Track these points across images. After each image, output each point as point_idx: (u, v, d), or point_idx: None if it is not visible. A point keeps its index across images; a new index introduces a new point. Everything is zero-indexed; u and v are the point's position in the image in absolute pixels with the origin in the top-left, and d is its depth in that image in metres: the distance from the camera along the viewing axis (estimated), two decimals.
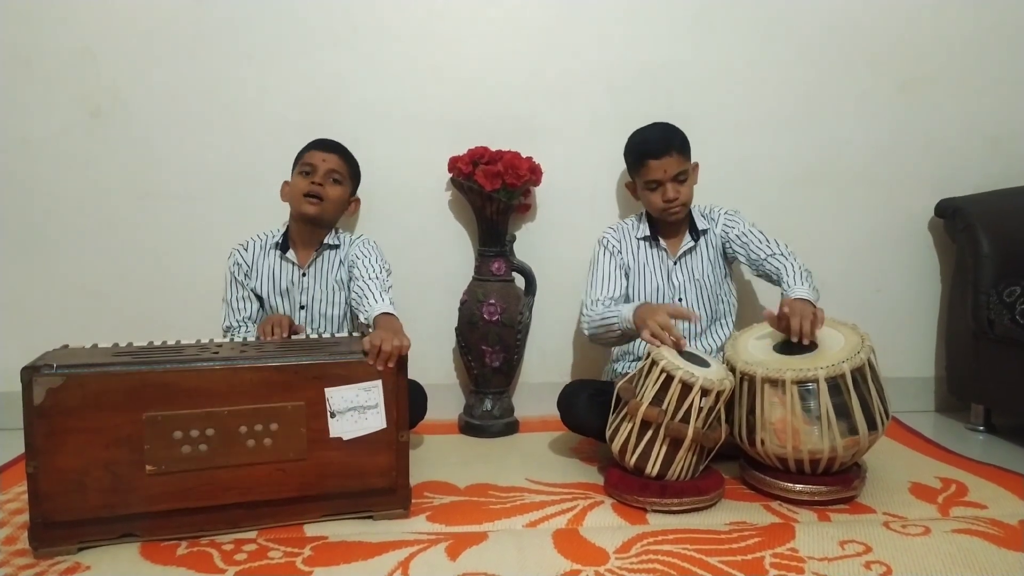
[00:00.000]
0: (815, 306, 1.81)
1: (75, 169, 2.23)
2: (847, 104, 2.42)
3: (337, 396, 1.52)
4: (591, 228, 2.22)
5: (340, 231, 2.07)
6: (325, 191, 1.94)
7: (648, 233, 2.09)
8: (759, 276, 2.06)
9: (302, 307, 1.99)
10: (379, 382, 1.54)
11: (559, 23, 2.32)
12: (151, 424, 1.42)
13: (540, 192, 2.34)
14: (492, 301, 2.19)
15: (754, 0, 2.35)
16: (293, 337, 1.77)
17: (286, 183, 2.03)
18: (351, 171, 2.04)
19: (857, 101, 2.42)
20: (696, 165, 2.08)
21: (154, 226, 2.27)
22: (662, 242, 2.09)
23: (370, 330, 1.71)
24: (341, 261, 2.02)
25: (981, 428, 2.29)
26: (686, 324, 2.01)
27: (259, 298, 2.00)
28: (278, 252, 1.99)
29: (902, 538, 1.49)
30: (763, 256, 2.00)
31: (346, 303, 2.02)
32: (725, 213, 2.11)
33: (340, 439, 1.52)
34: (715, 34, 2.36)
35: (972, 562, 1.39)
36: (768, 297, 2.32)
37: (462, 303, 2.26)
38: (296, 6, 2.24)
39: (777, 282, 1.95)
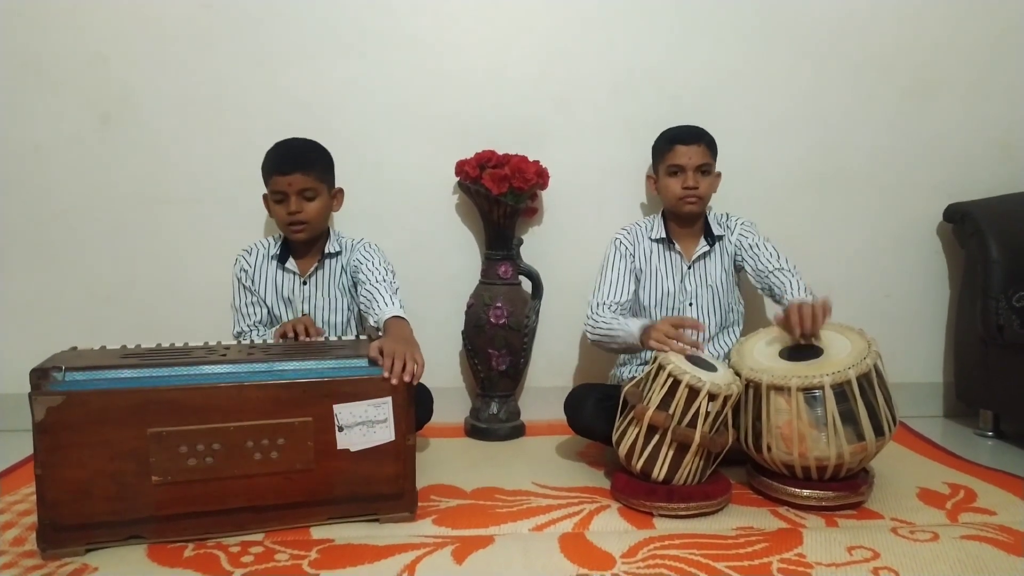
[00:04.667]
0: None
1: (86, 174, 2.25)
2: (855, 108, 2.41)
3: (346, 412, 1.52)
4: (598, 231, 2.22)
5: (340, 236, 2.07)
6: (305, 214, 1.90)
7: (663, 235, 2.09)
8: (761, 289, 2.05)
9: (304, 315, 1.99)
10: (389, 399, 1.53)
11: (566, 28, 2.32)
12: (156, 439, 1.42)
13: (547, 196, 2.35)
14: (499, 304, 2.19)
15: (761, 5, 2.35)
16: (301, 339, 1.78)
17: (266, 197, 1.98)
18: (320, 175, 1.93)
19: (865, 105, 2.41)
20: (719, 174, 2.11)
21: (164, 230, 2.28)
22: (676, 245, 2.09)
23: (379, 334, 1.72)
24: (343, 268, 2.02)
25: (990, 434, 2.28)
26: (693, 333, 2.02)
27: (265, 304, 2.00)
28: (277, 262, 1.99)
29: (910, 544, 1.49)
30: (769, 269, 1.99)
31: (349, 309, 2.02)
32: (742, 223, 2.11)
33: (347, 449, 1.53)
34: (721, 39, 2.36)
35: (981, 568, 1.39)
36: (775, 307, 2.32)
37: (469, 306, 2.26)
38: (304, 12, 2.25)
39: (779, 296, 1.94)
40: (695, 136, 2.04)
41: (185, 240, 2.29)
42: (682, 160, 2.02)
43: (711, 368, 1.69)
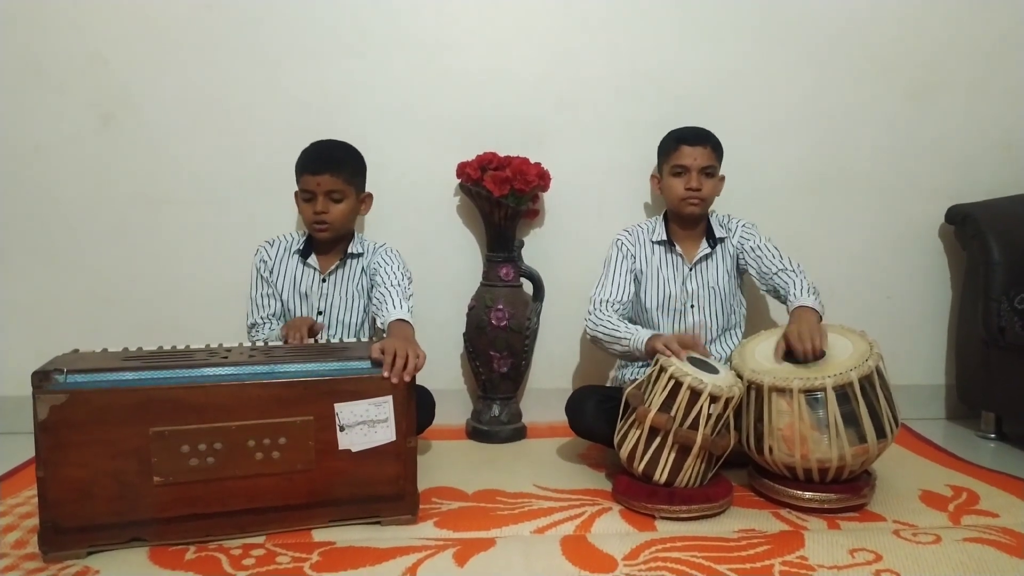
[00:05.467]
0: (819, 313, 1.82)
1: (87, 174, 2.25)
2: (856, 110, 2.41)
3: (347, 411, 1.52)
4: (599, 233, 2.22)
5: (364, 239, 2.07)
6: (330, 215, 1.92)
7: (664, 237, 2.09)
8: (767, 291, 2.05)
9: (320, 312, 1.99)
10: (390, 398, 1.53)
11: (568, 30, 2.32)
12: (158, 439, 1.42)
13: (548, 198, 2.34)
14: (500, 306, 2.19)
15: (763, 6, 2.35)
16: (305, 341, 1.78)
17: (297, 194, 1.99)
18: (349, 177, 1.94)
19: (866, 107, 2.41)
20: (723, 177, 2.10)
21: (165, 231, 2.28)
22: (677, 247, 2.08)
23: (384, 336, 1.71)
24: (364, 269, 2.02)
25: (992, 436, 2.28)
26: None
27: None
28: (299, 257, 2.00)
29: (912, 546, 1.49)
30: (773, 270, 1.99)
31: (364, 311, 2.02)
32: (743, 225, 2.11)
33: (348, 450, 1.53)
34: (723, 41, 2.36)
35: (983, 571, 1.39)
36: (778, 309, 2.31)
37: (470, 308, 2.26)
38: (304, 12, 2.25)
39: (784, 297, 1.94)
40: (701, 137, 2.04)
41: (187, 240, 2.28)
42: (687, 160, 2.02)
43: (713, 370, 1.69)
